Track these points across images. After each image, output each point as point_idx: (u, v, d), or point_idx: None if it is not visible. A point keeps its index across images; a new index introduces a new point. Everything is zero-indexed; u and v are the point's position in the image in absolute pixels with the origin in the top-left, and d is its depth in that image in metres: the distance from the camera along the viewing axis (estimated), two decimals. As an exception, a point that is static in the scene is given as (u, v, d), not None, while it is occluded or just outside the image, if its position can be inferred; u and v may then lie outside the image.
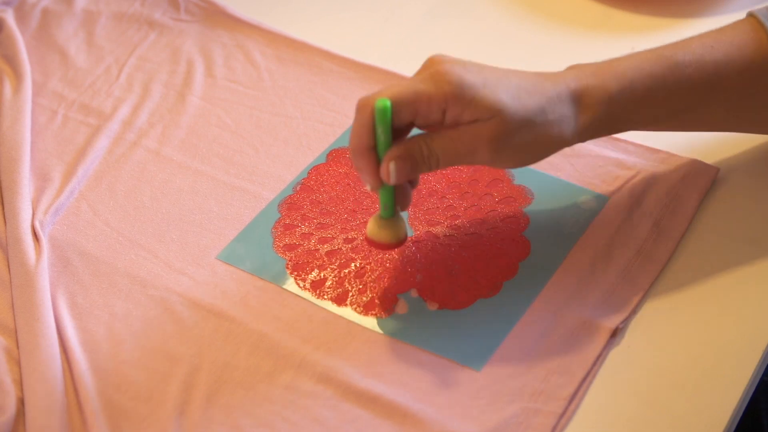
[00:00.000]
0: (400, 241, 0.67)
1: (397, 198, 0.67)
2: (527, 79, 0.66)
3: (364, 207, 0.74)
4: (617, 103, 0.67)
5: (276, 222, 0.74)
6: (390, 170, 0.64)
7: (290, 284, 0.69)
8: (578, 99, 0.66)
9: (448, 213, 0.73)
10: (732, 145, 0.77)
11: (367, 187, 0.66)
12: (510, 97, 0.64)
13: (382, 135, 0.63)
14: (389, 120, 0.63)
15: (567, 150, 0.77)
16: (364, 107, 0.64)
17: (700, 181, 0.74)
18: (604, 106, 0.67)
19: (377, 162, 0.64)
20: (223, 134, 0.82)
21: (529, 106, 0.64)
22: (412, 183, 0.68)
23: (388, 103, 0.62)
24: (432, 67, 0.64)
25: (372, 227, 0.67)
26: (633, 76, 0.67)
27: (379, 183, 0.65)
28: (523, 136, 0.64)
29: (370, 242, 0.68)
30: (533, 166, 0.76)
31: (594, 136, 0.69)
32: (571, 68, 0.68)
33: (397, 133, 0.65)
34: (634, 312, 0.66)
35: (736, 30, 0.70)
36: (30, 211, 0.74)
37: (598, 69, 0.68)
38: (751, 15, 0.70)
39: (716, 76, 0.68)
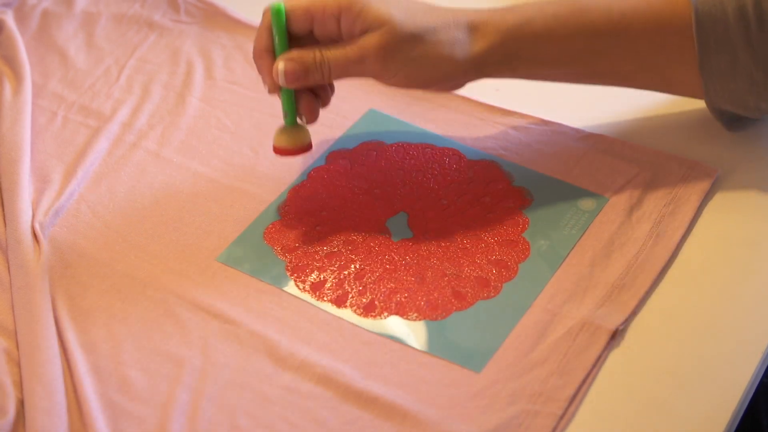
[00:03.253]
0: (302, 148, 0.72)
1: (302, 109, 0.72)
2: (426, 4, 0.70)
3: (364, 209, 0.74)
4: (514, 36, 0.70)
5: (275, 223, 0.74)
6: (279, 69, 0.69)
7: (290, 286, 0.69)
8: (475, 27, 0.70)
9: (447, 215, 0.73)
10: (732, 145, 0.77)
11: (266, 89, 0.72)
12: (400, 12, 0.69)
13: (276, 36, 0.69)
14: (283, 23, 0.69)
15: (567, 152, 0.78)
16: (266, 12, 0.70)
17: (700, 183, 0.74)
18: (501, 36, 0.70)
19: (273, 64, 0.70)
20: (222, 136, 0.82)
21: (420, 23, 0.69)
22: (321, 99, 0.73)
23: (282, 6, 0.69)
24: None
25: (275, 135, 0.73)
26: (533, 14, 0.71)
27: (276, 85, 0.71)
28: (411, 50, 0.69)
29: (275, 150, 0.73)
30: (533, 167, 0.76)
31: (491, 69, 0.72)
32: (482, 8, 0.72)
33: (300, 43, 0.70)
34: (633, 313, 0.66)
35: None
36: (30, 213, 0.74)
37: (501, 8, 0.71)
38: None
39: (622, 25, 0.70)
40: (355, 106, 0.83)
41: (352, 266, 0.70)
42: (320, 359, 0.64)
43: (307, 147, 0.73)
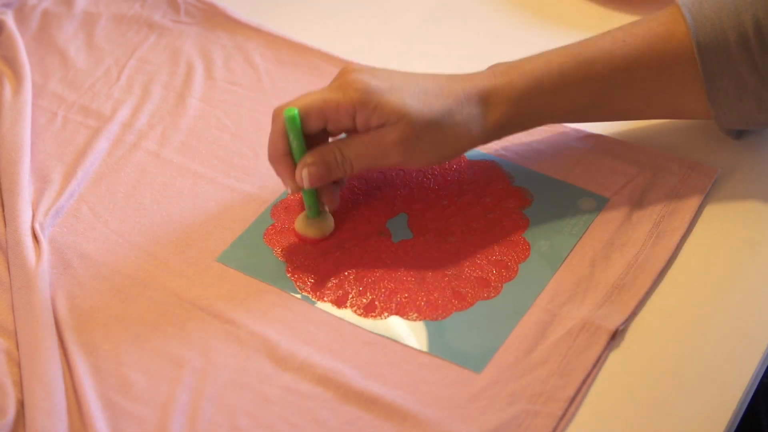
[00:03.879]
0: (324, 237, 0.72)
1: (324, 198, 0.71)
2: (436, 82, 0.69)
3: (365, 210, 0.74)
4: (524, 100, 0.70)
5: (275, 225, 0.74)
6: (303, 176, 0.69)
7: (290, 287, 0.69)
8: (486, 98, 0.70)
9: (447, 215, 0.73)
10: (731, 145, 0.77)
11: (288, 191, 0.71)
12: (416, 101, 0.67)
13: (294, 141, 0.68)
14: (299, 127, 0.68)
15: (567, 152, 0.78)
16: (277, 117, 0.68)
17: (700, 182, 0.74)
18: (512, 103, 0.70)
19: (293, 167, 0.69)
20: (222, 136, 0.82)
21: (435, 108, 0.68)
22: (339, 183, 0.72)
23: (296, 111, 0.67)
24: (342, 77, 0.68)
25: (300, 224, 0.72)
26: (540, 74, 0.71)
27: (298, 187, 0.70)
28: (431, 137, 0.68)
29: (298, 236, 0.72)
30: (533, 167, 0.76)
31: (506, 132, 0.72)
32: (488, 69, 0.72)
33: (313, 139, 0.69)
34: (634, 313, 0.66)
35: (652, 22, 0.72)
36: (30, 213, 0.74)
37: (508, 68, 0.71)
38: (675, 3, 0.71)
39: (627, 71, 0.71)
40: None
41: (353, 267, 0.70)
42: (320, 359, 0.64)
43: (330, 232, 0.72)
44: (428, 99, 0.68)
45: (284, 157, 0.69)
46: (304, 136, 0.68)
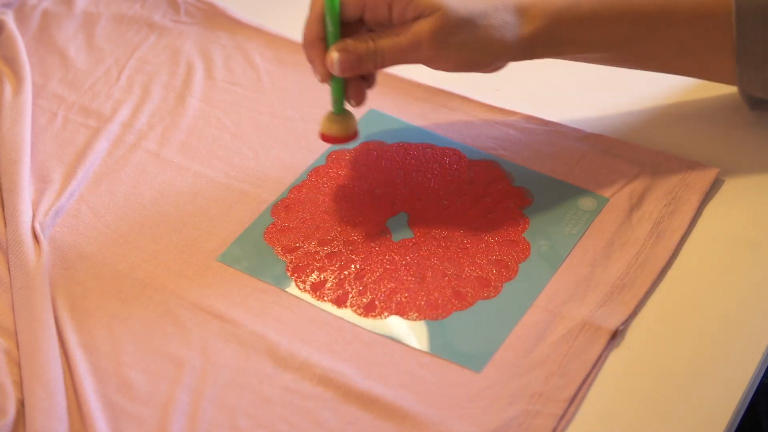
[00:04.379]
0: (349, 136, 0.72)
1: (351, 92, 0.72)
2: None
3: (364, 209, 0.74)
4: (561, 20, 0.71)
5: (275, 224, 0.74)
6: (334, 59, 0.69)
7: (290, 286, 0.69)
8: (523, 10, 0.71)
9: (447, 215, 0.73)
10: (732, 145, 0.77)
11: (317, 78, 0.71)
12: None
13: (330, 26, 0.69)
14: (337, 11, 0.68)
15: (567, 152, 0.78)
16: (315, 0, 0.69)
17: (700, 183, 0.74)
18: (548, 19, 0.71)
19: (325, 52, 0.70)
20: (222, 136, 0.82)
21: (471, 7, 0.69)
22: (368, 82, 0.73)
23: None
24: None
25: (323, 122, 0.73)
26: None
27: (328, 74, 0.70)
28: (464, 35, 0.69)
29: (322, 136, 0.73)
30: (533, 167, 0.76)
31: (538, 52, 0.73)
32: None
33: (350, 29, 0.70)
34: (634, 313, 0.66)
35: None
36: (30, 213, 0.74)
37: None
38: None
39: (665, 11, 0.71)
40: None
41: (353, 266, 0.70)
42: (320, 359, 0.64)
43: (354, 134, 0.73)
44: None
45: (318, 42, 0.70)
46: (341, 24, 0.69)
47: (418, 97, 0.84)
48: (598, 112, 0.81)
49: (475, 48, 0.70)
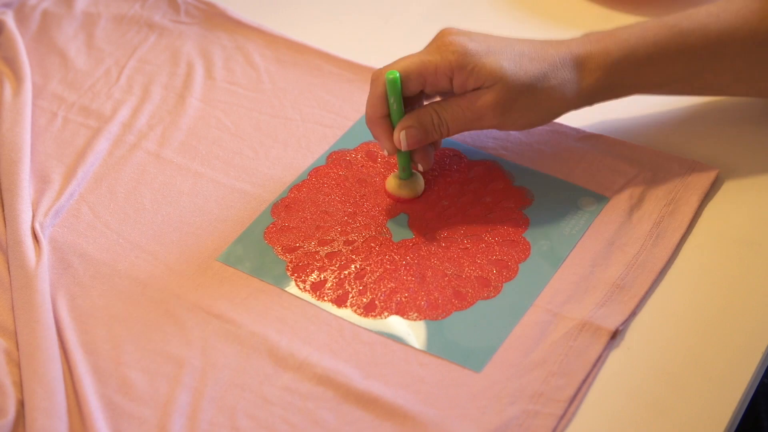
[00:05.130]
0: (417, 196, 0.75)
1: (418, 158, 0.73)
2: (531, 46, 0.71)
3: (364, 209, 0.74)
4: (619, 69, 0.72)
5: (275, 223, 0.74)
6: (402, 138, 0.71)
7: (290, 286, 0.69)
8: (581, 64, 0.71)
9: (447, 215, 0.73)
10: (732, 145, 0.77)
11: (384, 153, 0.73)
12: (512, 64, 0.69)
13: (394, 104, 0.70)
14: (399, 90, 0.70)
15: (567, 152, 0.78)
16: (376, 80, 0.70)
17: (700, 182, 0.74)
18: (606, 71, 0.71)
19: (391, 129, 0.72)
20: (222, 136, 0.82)
21: (531, 72, 0.69)
22: (435, 146, 0.74)
23: (398, 74, 0.69)
24: (439, 39, 0.70)
25: (392, 184, 0.75)
26: (636, 43, 0.72)
27: (395, 149, 0.72)
28: (526, 100, 0.70)
29: (390, 197, 0.75)
30: (533, 167, 0.76)
31: (598, 99, 0.74)
32: (582, 36, 0.73)
33: (410, 101, 0.72)
34: (634, 313, 0.66)
35: (745, 0, 0.73)
36: (30, 213, 0.74)
37: (602, 36, 0.72)
38: None
39: (720, 45, 0.72)
40: (355, 107, 0.83)
41: (353, 266, 0.70)
42: (320, 359, 0.64)
43: (422, 192, 0.75)
44: (524, 62, 0.70)
45: (383, 120, 0.71)
46: (402, 99, 0.70)
47: (418, 98, 0.84)
48: (598, 112, 0.81)
49: (537, 109, 0.71)
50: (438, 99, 0.73)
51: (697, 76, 0.74)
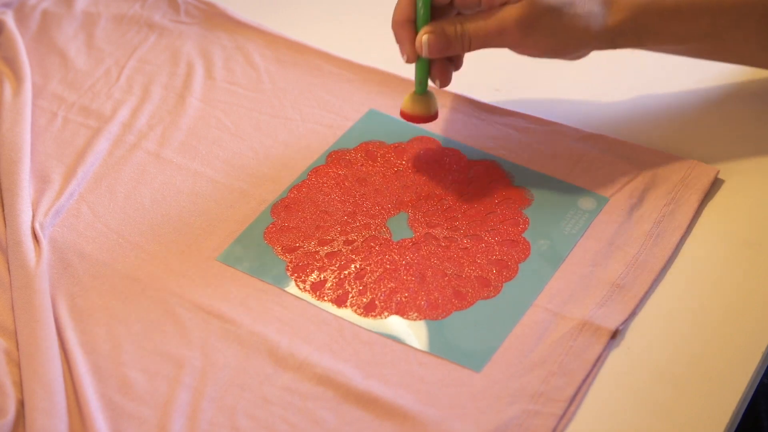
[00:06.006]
0: (431, 116, 0.75)
1: (437, 72, 0.73)
2: None
3: (364, 209, 0.74)
4: (645, 12, 0.73)
5: (275, 223, 0.74)
6: (423, 42, 0.71)
7: (290, 286, 0.69)
8: (610, 2, 0.72)
9: (447, 215, 0.73)
10: (732, 145, 0.77)
11: (404, 58, 0.74)
12: None
13: (422, 8, 0.71)
14: None
15: (567, 152, 0.78)
16: None
17: (700, 182, 0.74)
18: (633, 11, 0.72)
19: (414, 34, 0.72)
20: (222, 136, 0.82)
21: None
22: (455, 63, 0.75)
23: None
24: None
25: (406, 101, 0.75)
26: None
27: (415, 55, 0.73)
28: (550, 22, 0.71)
29: (404, 115, 0.75)
30: (533, 167, 0.76)
31: (621, 42, 0.74)
32: None
33: (438, 12, 0.72)
34: (634, 313, 0.66)
35: None
36: (30, 213, 0.74)
37: None
38: None
39: (749, 5, 0.72)
40: (355, 107, 0.83)
41: (353, 266, 0.70)
42: (320, 359, 0.64)
43: (435, 115, 0.75)
44: None
45: (408, 24, 0.72)
46: (432, 6, 0.71)
47: (418, 97, 0.84)
48: (598, 112, 0.81)
49: (560, 35, 0.72)
50: None
51: (724, 36, 0.74)
